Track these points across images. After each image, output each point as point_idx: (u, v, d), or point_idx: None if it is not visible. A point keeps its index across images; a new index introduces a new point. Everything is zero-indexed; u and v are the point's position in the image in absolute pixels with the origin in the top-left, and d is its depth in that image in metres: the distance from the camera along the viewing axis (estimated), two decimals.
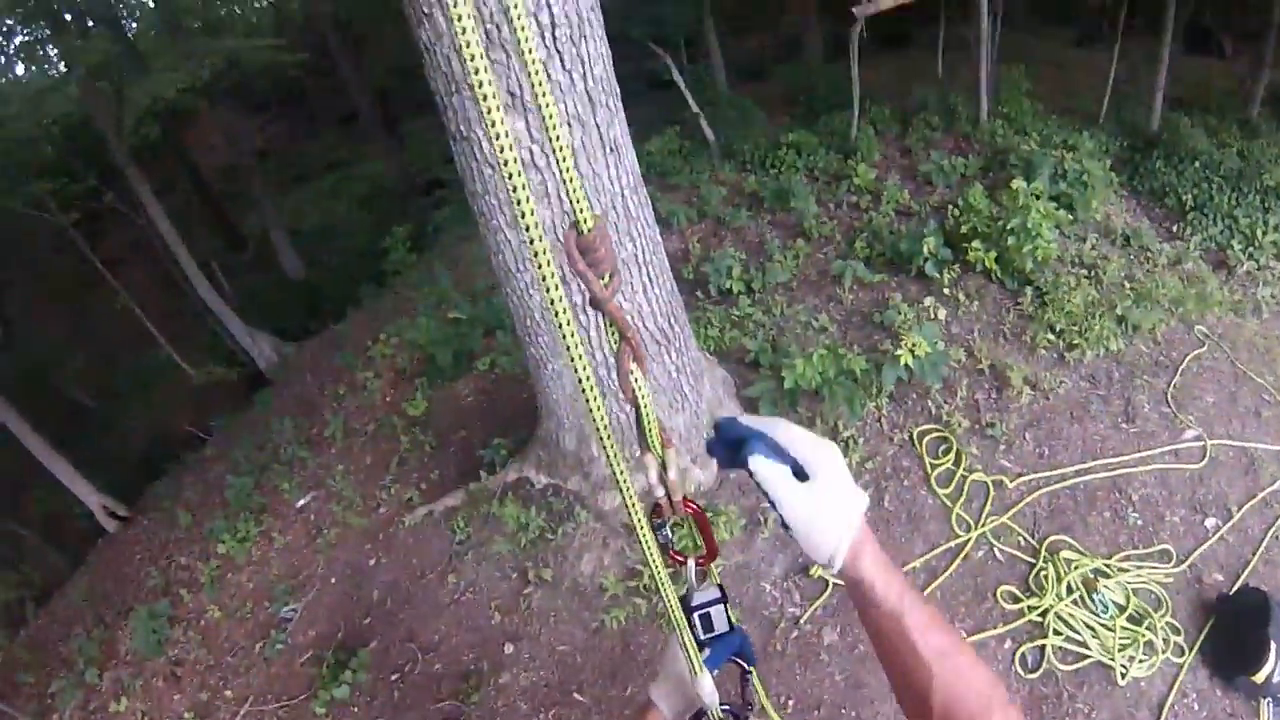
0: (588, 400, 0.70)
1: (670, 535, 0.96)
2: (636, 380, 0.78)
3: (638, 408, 0.80)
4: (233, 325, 7.97)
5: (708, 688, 1.07)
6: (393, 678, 3.54)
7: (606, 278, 0.70)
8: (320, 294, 10.07)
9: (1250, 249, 5.34)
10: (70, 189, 7.55)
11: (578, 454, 3.65)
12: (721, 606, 1.09)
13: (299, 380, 6.73)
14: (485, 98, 0.55)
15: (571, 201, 0.65)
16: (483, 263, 6.25)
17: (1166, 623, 3.16)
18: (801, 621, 3.26)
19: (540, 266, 0.62)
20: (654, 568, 0.91)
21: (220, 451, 6.33)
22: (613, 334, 0.73)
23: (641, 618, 3.36)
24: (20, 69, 10.98)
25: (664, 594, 0.95)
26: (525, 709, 3.24)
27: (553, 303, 0.64)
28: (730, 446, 0.88)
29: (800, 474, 0.85)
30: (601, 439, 0.74)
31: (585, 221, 0.66)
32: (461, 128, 2.76)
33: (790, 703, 3.03)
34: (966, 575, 3.35)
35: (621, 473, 0.78)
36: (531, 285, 3.06)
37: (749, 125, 7.35)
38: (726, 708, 1.14)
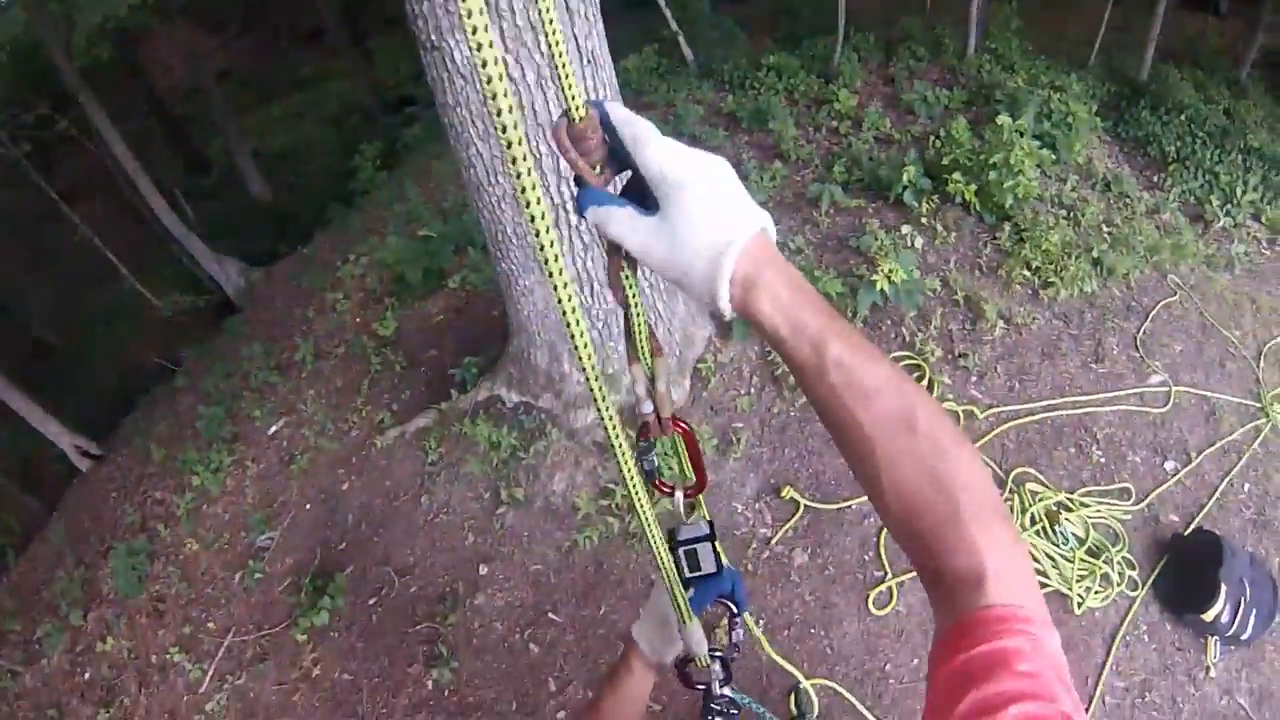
0: (566, 317, 0.65)
1: (656, 463, 0.89)
2: (628, 281, 0.72)
3: (628, 311, 0.75)
4: (198, 252, 7.73)
5: (697, 636, 1.05)
6: (370, 602, 3.57)
7: (598, 169, 0.66)
8: (288, 216, 9.78)
9: (1228, 206, 5.35)
10: (20, 119, 7.18)
11: (549, 371, 3.63)
12: (709, 544, 1.04)
13: (268, 305, 6.61)
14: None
15: (564, 90, 0.61)
16: (453, 179, 6.12)
17: (1123, 557, 3.28)
18: (772, 542, 3.32)
19: (519, 176, 0.57)
20: (638, 504, 0.84)
21: (191, 382, 6.23)
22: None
23: (614, 536, 3.40)
24: None
25: (649, 535, 0.88)
26: (501, 629, 3.29)
27: (533, 218, 0.60)
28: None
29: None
30: (581, 358, 0.68)
31: (577, 109, 0.62)
32: (433, 37, 2.64)
33: (760, 622, 3.11)
34: None
35: (602, 395, 0.72)
36: (503, 199, 2.99)
37: (729, 46, 7.13)
38: (716, 653, 1.12)
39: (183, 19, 10.76)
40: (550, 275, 0.62)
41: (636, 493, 0.83)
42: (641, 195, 0.68)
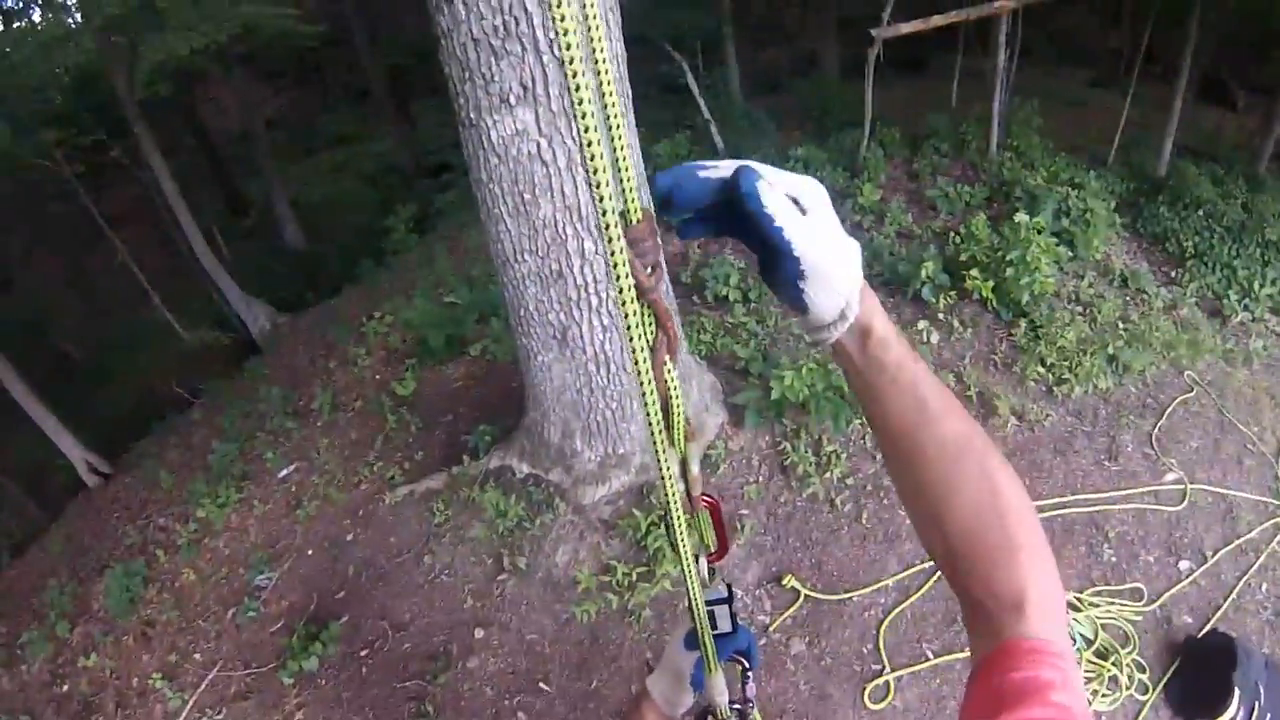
0: (643, 387, 0.70)
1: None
2: (669, 372, 0.76)
3: (668, 402, 0.79)
4: (229, 291, 7.94)
5: (719, 685, 1.07)
6: (362, 653, 3.55)
7: (649, 269, 0.70)
8: (319, 267, 10.04)
9: (1246, 300, 5.38)
10: (76, 140, 7.49)
11: (561, 447, 3.68)
12: (726, 607, 1.08)
13: (290, 351, 6.73)
14: (577, 87, 0.56)
15: (625, 191, 0.65)
16: (482, 249, 6.25)
17: (1133, 659, 3.20)
18: (770, 630, 3.29)
19: (614, 254, 0.63)
20: (685, 563, 0.89)
21: (206, 416, 6.32)
22: (650, 324, 0.72)
23: (612, 613, 3.38)
24: (36, 15, 10.87)
25: (690, 588, 0.94)
26: (490, 694, 3.26)
27: (621, 290, 0.65)
28: (700, 198, 0.69)
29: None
30: (650, 423, 0.74)
31: (635, 213, 0.67)
32: (471, 115, 2.79)
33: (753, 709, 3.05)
34: (938, 597, 3.38)
35: (665, 456, 0.77)
36: (528, 276, 3.08)
37: (759, 136, 7.37)
38: (736, 706, 1.13)
39: (240, 66, 11.26)
40: (632, 341, 0.67)
41: (684, 546, 0.88)
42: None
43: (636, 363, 0.70)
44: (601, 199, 0.61)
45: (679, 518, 0.86)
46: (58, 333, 10.36)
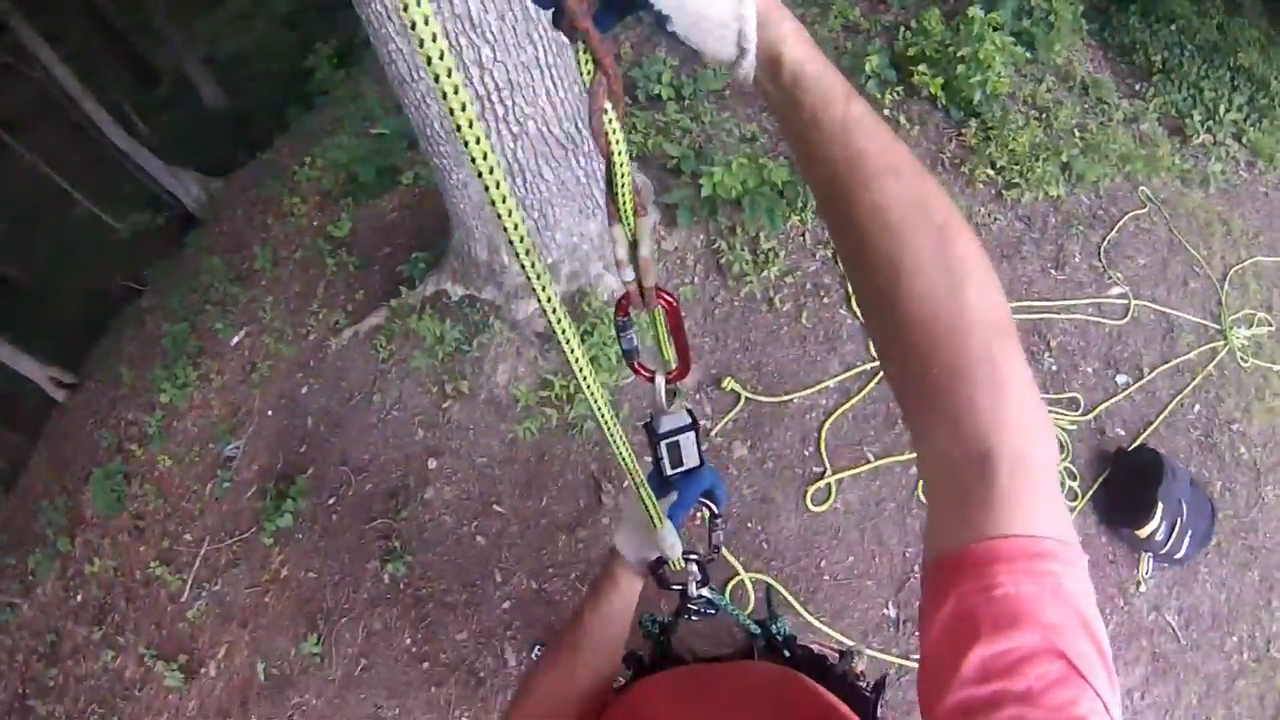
0: (497, 208, 0.59)
1: (635, 341, 0.81)
2: (611, 123, 0.62)
3: (609, 160, 0.65)
4: (153, 167, 7.47)
5: (669, 539, 1.00)
6: (330, 501, 3.64)
7: None
8: (245, 122, 9.43)
9: (1209, 122, 5.15)
10: None
11: (490, 263, 3.58)
12: (692, 435, 0.97)
13: (229, 216, 6.44)
14: None
15: None
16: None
17: (1065, 467, 3.30)
18: (712, 434, 3.32)
19: (436, 75, 0.54)
20: (588, 389, 0.74)
21: (156, 301, 6.15)
22: (587, 64, 0.61)
23: (554, 428, 3.41)
24: None
25: (610, 436, 0.80)
26: (450, 522, 3.35)
27: (452, 110, 0.56)
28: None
29: None
30: (517, 251, 0.62)
31: None
32: None
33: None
34: (880, 399, 3.40)
35: (543, 285, 0.64)
36: (428, 95, 2.86)
37: None
38: (692, 556, 1.07)
39: None
40: (480, 174, 0.57)
41: (590, 387, 0.74)
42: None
43: (486, 188, 0.60)
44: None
45: (569, 343, 0.70)
46: None
